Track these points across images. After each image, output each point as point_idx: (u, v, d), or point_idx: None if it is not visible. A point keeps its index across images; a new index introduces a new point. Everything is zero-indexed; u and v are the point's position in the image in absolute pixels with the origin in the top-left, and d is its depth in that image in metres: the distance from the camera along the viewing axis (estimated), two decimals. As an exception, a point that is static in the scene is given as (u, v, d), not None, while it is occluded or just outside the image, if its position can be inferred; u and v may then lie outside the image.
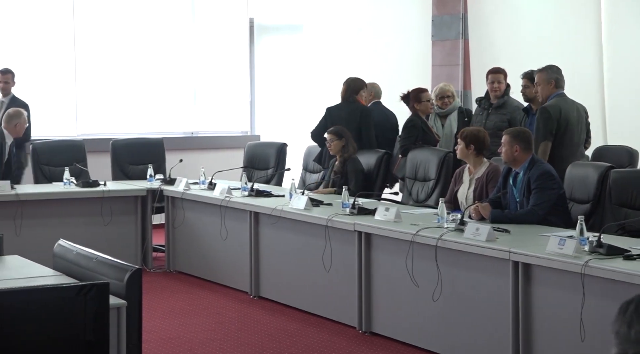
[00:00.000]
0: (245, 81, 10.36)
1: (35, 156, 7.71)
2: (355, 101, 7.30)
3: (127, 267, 3.40)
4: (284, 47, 10.37)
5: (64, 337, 3.05)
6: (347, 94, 7.33)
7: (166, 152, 8.31)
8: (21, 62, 8.81)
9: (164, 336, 5.37)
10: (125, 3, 9.52)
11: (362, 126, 7.17)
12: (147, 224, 7.28)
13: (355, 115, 7.20)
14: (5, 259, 4.18)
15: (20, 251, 4.52)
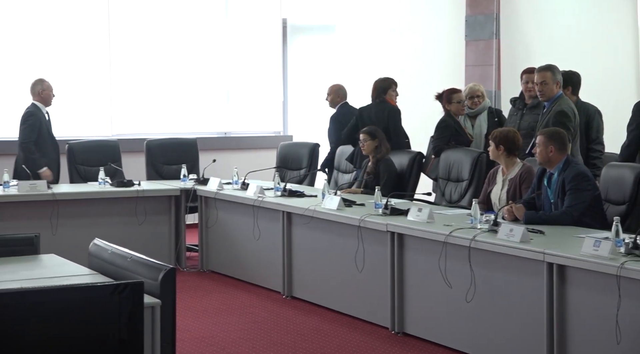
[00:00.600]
0: (278, 81, 10.38)
1: (70, 156, 7.79)
2: (383, 101, 7.29)
3: (161, 266, 3.43)
4: (316, 48, 10.38)
5: (99, 335, 3.08)
6: (375, 95, 7.35)
7: (200, 152, 8.36)
8: (57, 64, 8.91)
9: (197, 335, 5.40)
10: (159, 4, 9.59)
11: (390, 126, 7.16)
12: (181, 224, 7.32)
13: (383, 115, 7.20)
14: (42, 258, 4.23)
15: (56, 250, 4.58)
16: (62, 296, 3.10)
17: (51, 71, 8.65)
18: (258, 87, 10.26)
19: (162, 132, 9.14)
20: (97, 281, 3.69)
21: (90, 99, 9.21)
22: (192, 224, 7.66)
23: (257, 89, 10.26)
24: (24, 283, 3.57)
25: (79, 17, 9.13)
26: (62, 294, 3.11)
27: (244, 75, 10.16)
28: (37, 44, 8.91)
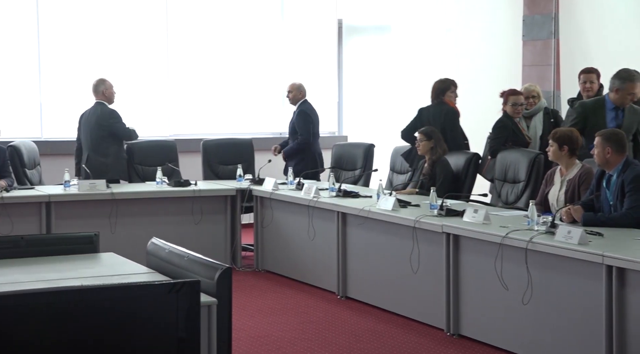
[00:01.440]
0: (333, 82, 10.39)
1: (129, 156, 7.90)
2: (442, 103, 7.26)
3: (218, 265, 3.46)
4: (372, 48, 10.36)
5: (156, 333, 3.12)
6: (434, 95, 7.33)
7: (255, 153, 8.41)
8: (116, 65, 9.05)
9: (252, 334, 5.43)
10: (215, 5, 9.67)
11: (447, 126, 7.11)
12: (236, 224, 7.37)
13: (441, 116, 7.16)
14: (101, 257, 4.30)
15: (115, 248, 4.65)
16: (120, 294, 3.14)
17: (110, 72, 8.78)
18: (313, 87, 10.26)
19: (219, 133, 9.22)
20: (154, 279, 3.73)
21: (149, 99, 9.34)
22: (247, 223, 7.72)
23: (312, 89, 10.25)
24: (84, 281, 3.64)
25: (137, 18, 9.25)
26: (120, 292, 3.16)
27: (299, 76, 10.18)
28: (97, 46, 9.05)
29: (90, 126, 7.55)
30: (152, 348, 3.11)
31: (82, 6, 9.00)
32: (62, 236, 4.74)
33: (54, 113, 8.85)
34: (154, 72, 9.35)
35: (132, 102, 9.07)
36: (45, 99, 8.84)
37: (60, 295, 3.06)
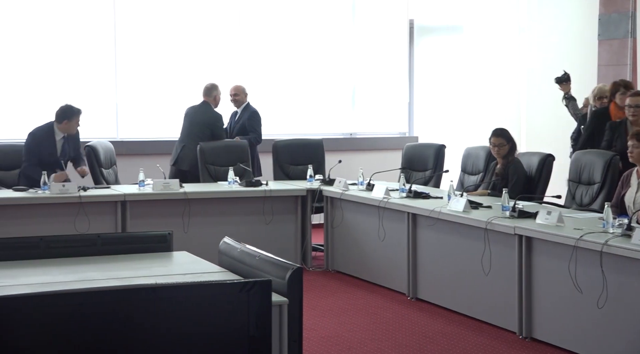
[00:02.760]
0: (404, 82, 10.36)
1: (202, 156, 8.00)
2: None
3: (289, 265, 3.48)
4: (443, 48, 10.29)
5: (228, 331, 3.15)
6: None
7: (325, 153, 8.44)
8: (189, 67, 9.18)
9: (323, 334, 5.45)
10: (287, 6, 9.73)
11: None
12: (307, 224, 7.40)
13: None
14: (174, 255, 4.36)
15: (188, 247, 4.71)
16: (193, 292, 3.19)
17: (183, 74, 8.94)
18: (384, 88, 10.28)
19: (289, 133, 9.27)
20: (226, 278, 3.77)
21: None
22: (317, 224, 7.74)
23: (382, 90, 10.27)
24: (157, 279, 3.69)
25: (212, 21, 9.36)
26: (193, 291, 3.20)
27: (370, 76, 10.19)
28: (173, 47, 9.19)
29: (195, 122, 8.01)
30: (224, 346, 3.14)
31: (158, 8, 9.15)
32: (137, 235, 4.82)
33: (130, 114, 9.02)
34: (226, 73, 9.45)
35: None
36: (121, 100, 9.02)
37: (134, 293, 3.12)
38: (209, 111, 8.04)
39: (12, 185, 7.12)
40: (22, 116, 8.52)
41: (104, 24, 8.95)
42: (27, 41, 8.68)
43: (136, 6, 9.07)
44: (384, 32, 10.22)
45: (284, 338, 3.33)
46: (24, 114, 8.55)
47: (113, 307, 3.00)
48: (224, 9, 9.43)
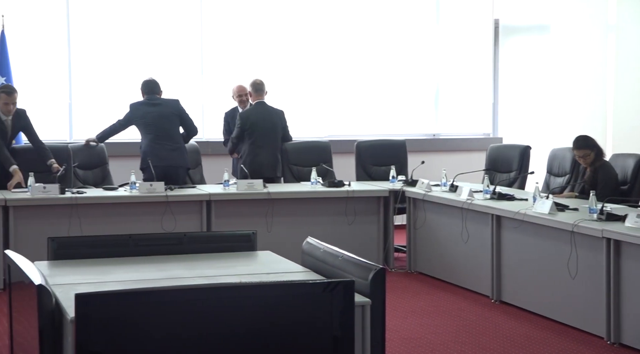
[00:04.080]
0: (489, 83, 10.24)
1: (285, 156, 8.07)
2: None
3: (372, 266, 3.48)
4: (529, 48, 10.13)
5: (311, 331, 3.18)
6: None
7: (408, 154, 8.40)
8: (274, 67, 9.27)
9: (405, 335, 5.43)
10: (372, 5, 9.73)
11: None
12: (389, 225, 7.39)
13: None
14: (258, 255, 4.41)
15: (271, 246, 4.76)
16: (276, 291, 3.22)
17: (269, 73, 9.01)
18: (468, 88, 10.18)
19: (372, 134, 9.27)
20: (309, 278, 3.80)
21: (305, 100, 9.51)
22: (400, 225, 7.72)
23: (466, 90, 10.18)
24: (242, 278, 3.74)
25: (298, 21, 9.43)
26: (277, 290, 3.24)
27: (453, 77, 10.11)
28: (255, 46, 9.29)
29: (272, 125, 7.78)
30: (307, 345, 3.17)
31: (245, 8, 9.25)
32: (222, 234, 4.90)
33: (215, 115, 9.14)
34: (311, 74, 9.51)
35: (288, 103, 9.26)
36: (206, 102, 9.16)
37: (219, 291, 3.17)
38: (280, 113, 7.90)
39: (95, 184, 7.27)
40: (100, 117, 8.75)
41: (191, 27, 9.10)
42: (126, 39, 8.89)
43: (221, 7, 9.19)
44: (468, 32, 10.13)
45: (366, 339, 3.33)
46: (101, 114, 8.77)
47: (199, 305, 3.06)
48: (313, 8, 9.47)
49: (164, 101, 7.56)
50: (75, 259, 4.13)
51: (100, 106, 8.83)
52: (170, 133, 7.47)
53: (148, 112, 7.44)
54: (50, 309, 3.11)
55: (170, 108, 7.52)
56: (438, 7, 9.98)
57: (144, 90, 7.54)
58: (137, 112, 7.46)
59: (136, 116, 7.45)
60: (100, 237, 4.80)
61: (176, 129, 7.50)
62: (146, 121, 7.41)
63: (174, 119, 7.49)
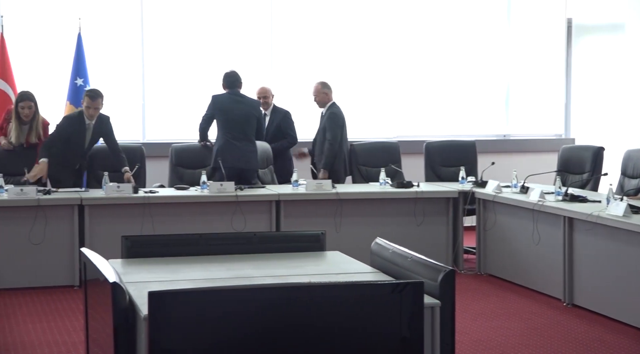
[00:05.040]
0: (561, 83, 10.08)
1: (353, 157, 8.08)
2: None
3: (441, 267, 3.46)
4: (603, 47, 9.94)
5: (380, 332, 3.18)
6: None
7: (478, 155, 8.33)
8: (343, 67, 9.29)
9: (474, 338, 5.39)
10: (442, 4, 9.67)
11: None
12: (458, 226, 7.34)
13: None
14: (327, 255, 4.42)
15: (340, 247, 4.78)
16: (346, 292, 3.23)
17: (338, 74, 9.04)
18: (539, 88, 10.04)
19: (442, 135, 9.21)
20: (378, 279, 3.80)
21: (373, 101, 9.50)
22: (469, 226, 7.66)
23: (538, 90, 10.04)
24: (311, 278, 3.76)
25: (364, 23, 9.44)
26: (346, 290, 3.25)
27: (525, 77, 9.98)
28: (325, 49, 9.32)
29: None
30: (375, 347, 3.17)
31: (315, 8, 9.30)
32: (291, 234, 4.94)
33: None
34: (379, 75, 9.50)
35: (357, 104, 9.28)
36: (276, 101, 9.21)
37: (289, 291, 3.19)
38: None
39: (196, 184, 7.16)
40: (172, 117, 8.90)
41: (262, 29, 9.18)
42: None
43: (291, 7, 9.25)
44: (540, 31, 9.99)
45: (436, 341, 3.32)
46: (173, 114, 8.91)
47: (269, 304, 3.08)
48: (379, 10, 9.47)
49: (247, 99, 7.58)
50: (147, 258, 4.20)
51: (172, 106, 8.96)
52: (248, 134, 7.50)
53: (231, 108, 7.45)
54: (124, 307, 3.18)
55: (252, 109, 7.56)
56: (510, 5, 9.87)
57: (225, 83, 7.54)
58: (220, 105, 7.44)
59: (219, 109, 7.43)
60: (172, 236, 4.89)
61: (253, 130, 7.53)
62: (228, 117, 7.41)
63: (252, 121, 7.52)
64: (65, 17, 8.52)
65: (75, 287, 6.52)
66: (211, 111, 7.48)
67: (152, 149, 8.16)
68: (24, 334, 5.36)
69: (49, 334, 5.36)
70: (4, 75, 8.02)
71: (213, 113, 7.47)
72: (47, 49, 8.55)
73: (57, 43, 8.54)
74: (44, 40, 8.55)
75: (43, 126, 7.29)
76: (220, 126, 7.45)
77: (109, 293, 3.17)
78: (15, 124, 7.18)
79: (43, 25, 8.54)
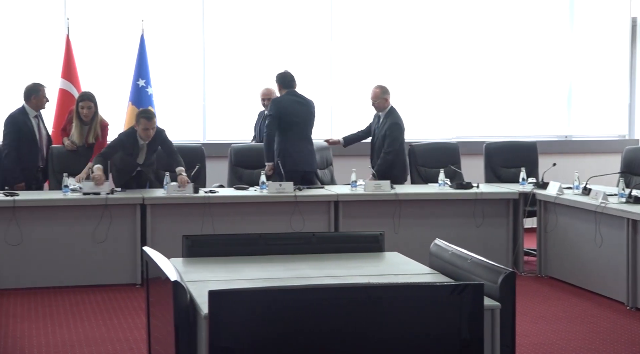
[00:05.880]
0: (625, 82, 9.90)
1: (412, 157, 8.05)
2: None
3: (501, 269, 3.44)
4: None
5: (439, 334, 3.16)
6: None
7: (539, 156, 8.23)
8: (399, 69, 9.26)
9: (536, 341, 5.32)
10: (504, 4, 9.58)
11: None
12: (519, 228, 7.26)
13: None
14: (386, 256, 4.42)
15: (398, 248, 4.77)
16: (404, 293, 3.23)
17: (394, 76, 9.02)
18: (602, 88, 9.87)
19: (502, 135, 9.13)
20: (437, 280, 3.78)
21: (432, 102, 9.45)
22: (530, 228, 7.57)
23: (601, 90, 9.87)
24: (370, 279, 3.76)
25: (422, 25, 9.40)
26: (405, 292, 3.24)
27: (587, 76, 9.83)
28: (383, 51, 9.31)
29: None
30: (435, 348, 3.16)
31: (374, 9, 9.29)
32: (350, 234, 4.95)
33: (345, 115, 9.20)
34: (439, 75, 9.45)
35: (417, 105, 9.25)
36: (335, 103, 9.24)
37: (348, 291, 3.20)
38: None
39: (255, 184, 7.20)
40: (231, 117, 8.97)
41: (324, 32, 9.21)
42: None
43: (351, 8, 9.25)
44: (603, 29, 9.82)
45: (496, 343, 3.30)
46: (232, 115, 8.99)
47: (328, 304, 3.09)
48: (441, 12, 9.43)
49: (306, 100, 7.58)
50: (208, 257, 4.25)
51: (231, 107, 9.04)
52: (309, 135, 7.52)
53: (294, 110, 7.44)
54: (185, 305, 3.22)
55: (311, 108, 7.57)
56: (573, 3, 9.72)
57: (282, 83, 7.51)
58: (284, 108, 7.40)
59: (284, 112, 7.39)
60: (232, 236, 4.93)
61: (312, 130, 7.56)
62: (293, 119, 7.41)
63: (312, 121, 7.55)
64: (128, 19, 8.66)
65: (137, 285, 6.63)
66: (277, 114, 7.40)
67: (212, 149, 8.24)
68: (88, 331, 5.46)
69: (112, 331, 5.46)
70: (69, 76, 8.19)
71: (279, 117, 7.37)
72: (111, 51, 8.70)
73: (120, 45, 8.68)
74: (107, 42, 8.70)
75: (102, 126, 7.39)
76: (283, 128, 7.40)
77: (170, 291, 3.21)
78: (76, 123, 7.31)
79: (107, 27, 8.69)
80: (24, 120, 7.27)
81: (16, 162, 7.19)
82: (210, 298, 2.99)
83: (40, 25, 8.55)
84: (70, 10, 8.52)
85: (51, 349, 5.06)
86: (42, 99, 7.34)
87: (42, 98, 7.34)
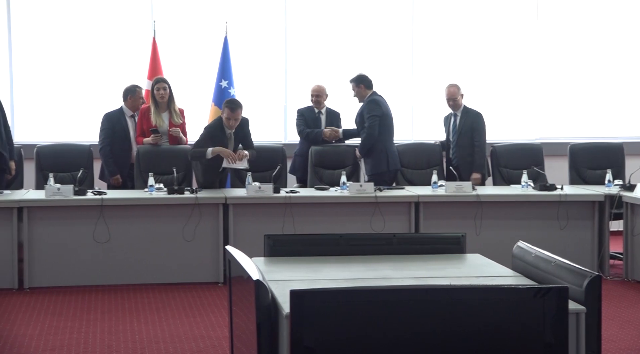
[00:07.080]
0: None
1: (494, 158, 7.96)
2: None
3: (586, 273, 3.37)
4: None
5: (522, 337, 3.12)
6: None
7: (626, 157, 8.04)
8: (480, 68, 9.17)
9: (622, 346, 5.20)
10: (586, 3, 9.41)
11: None
12: (604, 230, 7.10)
13: None
14: (467, 257, 4.38)
15: (480, 250, 4.72)
16: (486, 295, 3.19)
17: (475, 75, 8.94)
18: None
19: (587, 136, 8.95)
20: (520, 283, 3.74)
21: (515, 102, 9.33)
22: (616, 231, 7.40)
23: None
24: (452, 280, 3.74)
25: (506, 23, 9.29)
26: (486, 294, 3.21)
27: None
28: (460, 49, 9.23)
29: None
30: (518, 351, 3.12)
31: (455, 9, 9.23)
32: (431, 236, 4.92)
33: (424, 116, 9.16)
34: (522, 75, 9.32)
35: (498, 105, 9.14)
36: (416, 103, 9.20)
37: (430, 293, 3.19)
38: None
39: (335, 184, 7.29)
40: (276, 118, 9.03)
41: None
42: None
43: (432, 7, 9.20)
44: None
45: (581, 348, 3.24)
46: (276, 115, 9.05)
47: (409, 306, 3.09)
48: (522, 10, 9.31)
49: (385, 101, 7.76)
50: (289, 256, 4.28)
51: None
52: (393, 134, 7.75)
53: (389, 110, 7.70)
54: (267, 304, 3.25)
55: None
56: None
57: (366, 84, 7.69)
58: (381, 110, 7.59)
59: (385, 112, 7.63)
60: (313, 236, 4.96)
61: None
62: (385, 121, 7.63)
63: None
64: (212, 22, 8.80)
65: (220, 284, 6.72)
66: (381, 114, 7.58)
67: (293, 150, 8.26)
68: (172, 328, 5.57)
69: (196, 328, 5.55)
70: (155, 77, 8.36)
71: (381, 116, 7.57)
72: (195, 52, 8.85)
73: (204, 46, 8.83)
74: (192, 44, 8.86)
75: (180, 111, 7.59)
76: (382, 127, 7.59)
77: (253, 290, 3.25)
78: (153, 109, 7.49)
79: (192, 29, 8.85)
80: (118, 118, 7.56)
81: (110, 158, 7.50)
82: (291, 297, 3.02)
83: (128, 28, 8.77)
84: (156, 13, 8.71)
85: (137, 346, 5.18)
86: (137, 99, 7.63)
87: (138, 99, 7.64)
